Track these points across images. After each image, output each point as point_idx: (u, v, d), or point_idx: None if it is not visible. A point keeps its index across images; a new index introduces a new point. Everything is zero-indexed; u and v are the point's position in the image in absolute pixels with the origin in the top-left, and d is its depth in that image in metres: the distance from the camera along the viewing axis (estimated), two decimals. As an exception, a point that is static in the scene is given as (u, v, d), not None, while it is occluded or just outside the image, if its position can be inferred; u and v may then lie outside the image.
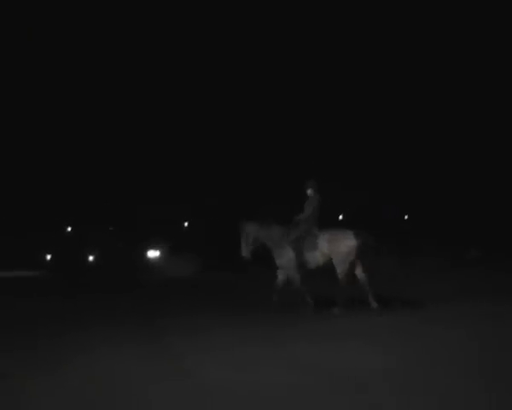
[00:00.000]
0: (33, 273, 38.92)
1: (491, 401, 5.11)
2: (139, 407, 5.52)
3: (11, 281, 29.60)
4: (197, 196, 43.75)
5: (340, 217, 37.53)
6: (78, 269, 45.01)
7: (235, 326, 9.86)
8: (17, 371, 6.97)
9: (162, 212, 47.61)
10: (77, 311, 13.33)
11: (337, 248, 11.14)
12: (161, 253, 47.67)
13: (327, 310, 11.00)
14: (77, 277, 32.16)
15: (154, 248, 49.42)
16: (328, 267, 11.43)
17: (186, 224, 50.00)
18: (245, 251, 11.85)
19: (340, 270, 11.12)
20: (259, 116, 40.80)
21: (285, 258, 11.66)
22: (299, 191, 12.09)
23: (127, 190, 50.53)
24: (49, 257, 62.77)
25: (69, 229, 66.41)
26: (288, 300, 11.68)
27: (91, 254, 60.86)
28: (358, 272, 11.22)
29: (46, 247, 62.38)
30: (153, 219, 48.78)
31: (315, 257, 11.41)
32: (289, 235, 11.66)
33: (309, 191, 11.79)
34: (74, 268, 45.44)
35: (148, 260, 47.59)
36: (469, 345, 7.35)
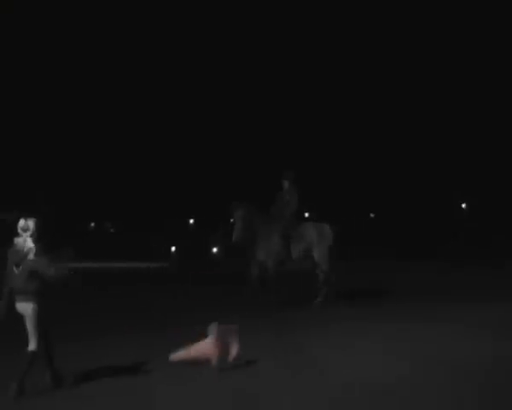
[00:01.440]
0: (159, 265, 40.32)
1: None
2: (272, 403, 5.19)
3: (139, 272, 30.75)
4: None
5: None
6: (202, 261, 46.01)
7: (347, 319, 9.66)
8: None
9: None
10: (199, 301, 13.35)
11: (325, 236, 11.49)
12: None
13: (313, 301, 11.35)
14: (201, 268, 32.74)
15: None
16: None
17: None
18: (237, 235, 11.52)
19: (327, 261, 11.44)
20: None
21: (271, 250, 11.39)
22: (275, 182, 12.00)
23: (248, 187, 51.35)
24: (173, 249, 64.89)
25: (191, 222, 68.44)
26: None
27: (215, 247, 62.11)
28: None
29: (171, 239, 64.53)
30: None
31: (299, 249, 11.47)
32: (279, 228, 11.46)
33: (286, 183, 11.60)
34: (198, 260, 46.52)
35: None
36: None
